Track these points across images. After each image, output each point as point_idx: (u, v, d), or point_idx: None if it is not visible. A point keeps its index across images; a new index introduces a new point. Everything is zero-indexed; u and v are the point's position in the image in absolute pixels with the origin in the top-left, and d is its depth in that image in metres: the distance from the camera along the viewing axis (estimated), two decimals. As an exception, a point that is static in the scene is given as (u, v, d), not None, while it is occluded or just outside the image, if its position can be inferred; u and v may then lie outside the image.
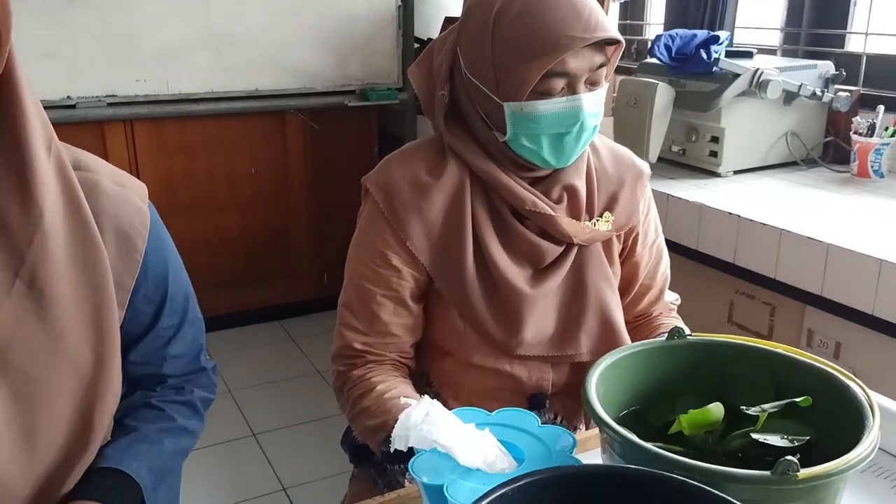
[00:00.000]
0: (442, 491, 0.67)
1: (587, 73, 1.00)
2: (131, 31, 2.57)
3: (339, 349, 1.12)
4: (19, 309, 0.80)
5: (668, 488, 0.60)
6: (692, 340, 0.83)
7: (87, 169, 0.89)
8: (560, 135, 1.02)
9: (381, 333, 1.09)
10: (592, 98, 1.01)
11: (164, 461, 0.93)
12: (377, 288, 1.08)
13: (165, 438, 0.94)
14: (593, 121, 1.03)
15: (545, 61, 0.96)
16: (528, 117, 1.01)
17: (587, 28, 0.96)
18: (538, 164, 1.06)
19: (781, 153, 2.15)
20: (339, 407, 1.13)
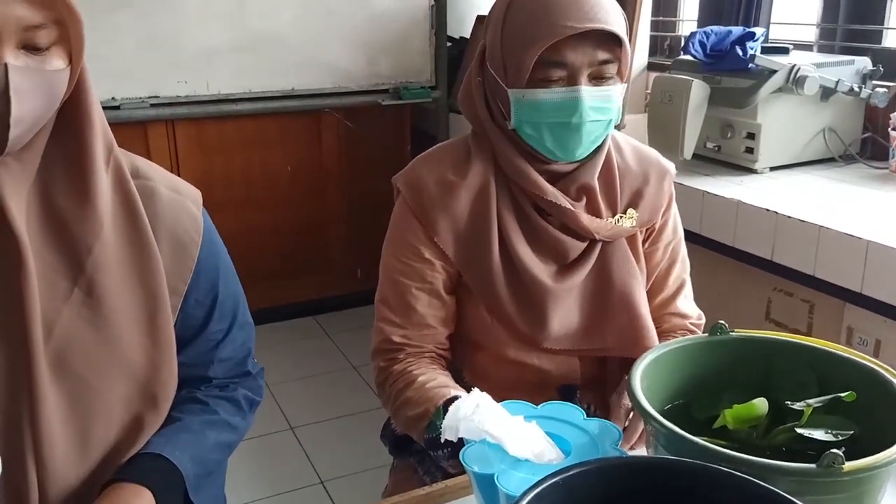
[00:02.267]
0: (492, 480, 0.69)
1: (588, 66, 1.02)
2: (172, 34, 2.63)
3: (378, 344, 1.15)
4: (77, 316, 0.84)
5: (716, 481, 0.62)
6: (735, 336, 0.84)
7: (145, 176, 0.92)
8: (560, 124, 1.04)
9: (418, 325, 1.12)
10: (594, 92, 1.03)
11: (207, 452, 0.95)
12: (412, 281, 1.12)
13: (208, 430, 0.96)
14: (595, 115, 1.04)
15: (539, 46, 1.00)
16: (529, 104, 1.04)
17: (583, 19, 0.99)
18: (544, 153, 1.08)
19: (818, 149, 2.13)
20: (382, 402, 1.16)
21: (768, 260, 1.78)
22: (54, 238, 0.83)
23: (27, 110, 0.76)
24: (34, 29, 0.76)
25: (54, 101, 0.81)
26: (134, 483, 0.85)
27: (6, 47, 0.75)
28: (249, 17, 2.74)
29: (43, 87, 0.78)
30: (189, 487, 0.90)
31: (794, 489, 0.61)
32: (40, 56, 0.78)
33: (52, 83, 0.79)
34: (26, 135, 0.79)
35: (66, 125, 0.84)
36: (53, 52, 0.79)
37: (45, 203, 0.83)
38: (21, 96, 0.75)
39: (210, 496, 0.97)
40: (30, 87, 0.76)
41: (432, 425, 0.99)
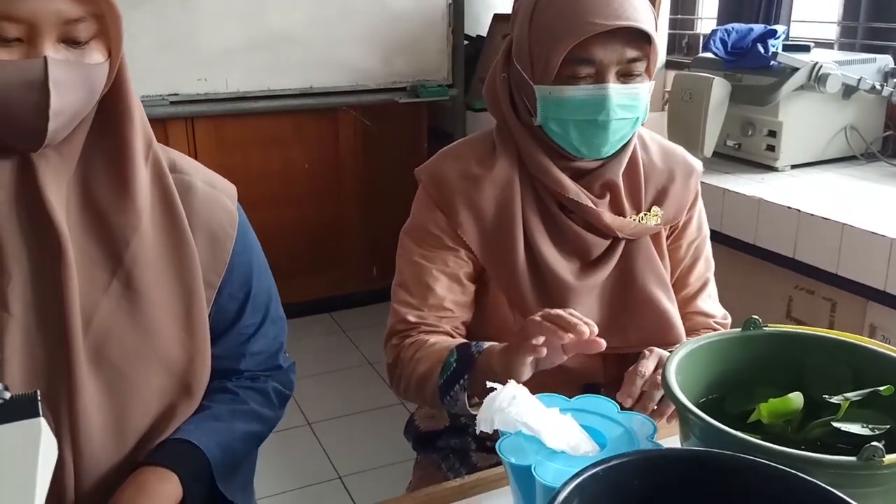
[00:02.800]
0: (529, 471, 0.69)
1: (616, 64, 1.02)
2: (191, 33, 2.65)
3: (392, 325, 1.14)
4: (115, 307, 0.85)
5: (757, 473, 0.62)
6: (768, 332, 0.84)
7: (182, 171, 0.93)
8: (586, 122, 1.04)
9: (435, 307, 1.10)
10: (622, 90, 1.03)
11: (235, 440, 0.95)
12: (433, 264, 1.11)
13: (237, 419, 0.96)
14: (623, 113, 1.04)
15: (566, 43, 1.00)
16: (555, 101, 1.04)
17: (611, 16, 0.99)
18: (570, 151, 1.08)
19: (840, 147, 2.12)
20: (393, 384, 1.14)
21: (790, 258, 1.78)
22: (94, 230, 0.84)
23: (66, 103, 0.78)
24: (74, 23, 0.77)
25: (93, 95, 0.82)
26: (161, 467, 0.86)
27: (46, 41, 0.76)
28: (268, 15, 2.75)
29: (82, 80, 0.79)
30: (216, 473, 0.90)
31: (832, 482, 0.61)
32: (80, 50, 0.79)
33: (91, 76, 0.80)
34: (66, 127, 0.81)
35: (105, 119, 0.85)
36: (93, 45, 0.80)
37: (86, 196, 0.84)
38: (60, 89, 0.76)
39: (238, 486, 0.97)
40: (69, 80, 0.77)
41: (445, 365, 0.99)
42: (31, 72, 0.75)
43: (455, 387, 0.99)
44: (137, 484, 0.84)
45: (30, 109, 0.76)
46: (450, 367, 0.99)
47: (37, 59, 0.75)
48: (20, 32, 0.75)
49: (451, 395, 0.99)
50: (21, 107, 0.76)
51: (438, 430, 1.26)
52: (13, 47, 0.76)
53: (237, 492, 0.95)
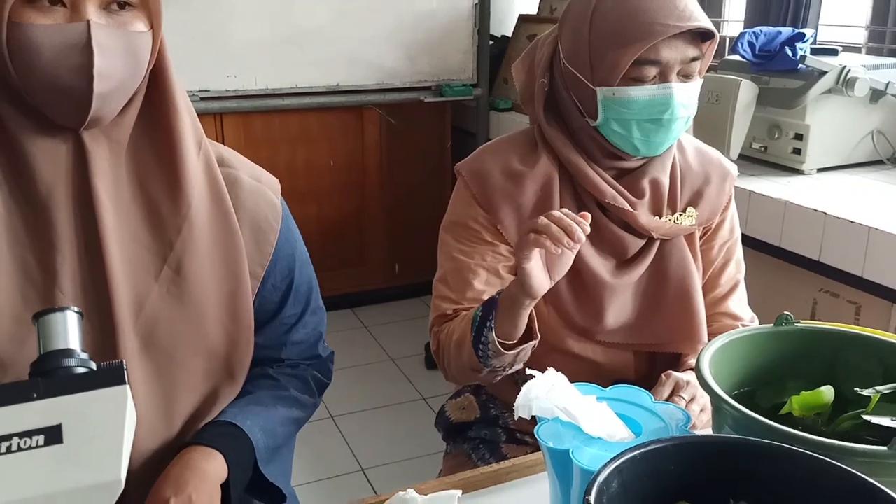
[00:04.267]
0: (567, 455, 0.72)
1: (679, 64, 1.04)
2: (221, 30, 2.69)
3: (433, 319, 1.18)
4: (165, 293, 0.88)
5: (792, 461, 0.64)
6: (800, 328, 0.86)
7: (229, 165, 0.96)
8: (649, 122, 1.05)
9: (473, 300, 1.12)
10: (684, 89, 1.05)
11: (276, 424, 0.98)
12: (471, 259, 1.13)
13: (279, 404, 0.99)
14: (684, 111, 1.06)
15: (638, 47, 1.01)
16: (619, 102, 1.05)
17: (681, 17, 1.01)
18: (628, 151, 1.09)
19: (867, 151, 2.12)
20: (442, 369, 1.16)
21: (815, 260, 1.79)
22: (146, 218, 0.87)
23: (111, 66, 0.79)
24: None
25: (138, 65, 0.83)
26: (207, 447, 0.89)
27: (89, 6, 0.78)
28: (297, 13, 2.79)
29: (125, 46, 0.81)
30: (258, 456, 0.93)
31: (862, 472, 0.63)
32: (122, 17, 0.81)
33: (134, 43, 0.82)
34: (112, 97, 0.82)
35: (153, 108, 0.88)
36: (134, 14, 0.82)
37: (139, 185, 0.87)
38: (104, 51, 0.78)
39: (279, 470, 1.00)
40: (112, 44, 0.79)
41: (474, 318, 1.01)
42: (74, 35, 0.77)
43: (484, 332, 1.00)
44: (184, 462, 0.87)
45: (74, 72, 0.78)
46: (476, 318, 1.02)
47: (80, 23, 0.78)
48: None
49: (483, 343, 1.00)
50: (66, 70, 0.78)
51: (469, 422, 1.29)
52: (56, 12, 0.78)
53: (277, 474, 0.98)
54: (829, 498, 0.63)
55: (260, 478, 0.95)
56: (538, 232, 0.91)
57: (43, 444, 0.44)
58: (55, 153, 0.83)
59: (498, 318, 0.99)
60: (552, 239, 0.90)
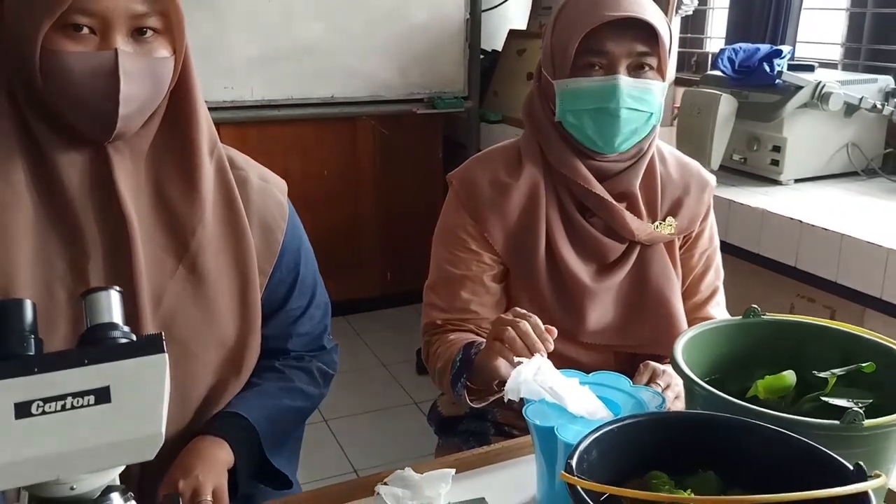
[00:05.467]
0: (552, 432, 0.79)
1: (626, 57, 1.12)
2: (220, 42, 2.77)
3: (424, 325, 1.26)
4: (181, 290, 0.95)
5: (753, 433, 0.71)
6: (766, 319, 0.93)
7: (239, 167, 1.03)
8: (599, 111, 1.12)
9: (459, 310, 1.21)
10: (632, 81, 1.12)
11: (281, 414, 1.04)
12: (457, 270, 1.21)
13: (284, 395, 1.05)
14: (634, 103, 1.12)
15: (579, 34, 1.10)
16: (572, 93, 1.14)
17: (619, 8, 1.09)
18: (586, 143, 1.16)
19: (842, 163, 2.21)
20: (430, 373, 1.24)
21: (792, 267, 1.86)
22: (163, 221, 0.94)
23: (135, 91, 0.86)
24: (141, 17, 0.86)
25: (160, 87, 0.90)
26: (215, 436, 0.96)
27: (117, 34, 0.85)
28: (293, 27, 2.87)
29: (149, 72, 0.88)
30: (264, 442, 0.99)
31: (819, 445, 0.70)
32: (147, 45, 0.88)
33: (157, 69, 0.89)
34: (135, 116, 0.89)
35: (174, 118, 0.94)
36: (159, 41, 0.89)
37: (156, 189, 0.94)
38: (130, 78, 0.85)
39: (285, 459, 1.06)
40: (137, 71, 0.86)
41: (453, 364, 1.09)
42: (103, 62, 0.84)
43: (458, 384, 1.09)
44: (195, 451, 0.94)
45: (102, 96, 0.85)
46: (455, 365, 1.10)
47: (108, 51, 0.84)
48: (93, 25, 0.84)
49: (457, 390, 1.10)
50: (94, 93, 0.85)
51: (460, 416, 1.35)
52: (87, 39, 0.85)
53: (284, 462, 1.04)
54: (789, 467, 0.70)
55: (266, 464, 1.01)
56: (503, 341, 0.96)
57: (93, 402, 0.51)
58: (81, 163, 0.90)
59: (472, 379, 1.07)
60: (515, 352, 0.94)
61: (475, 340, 1.12)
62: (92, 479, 0.54)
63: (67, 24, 0.83)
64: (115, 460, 0.53)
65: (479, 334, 1.22)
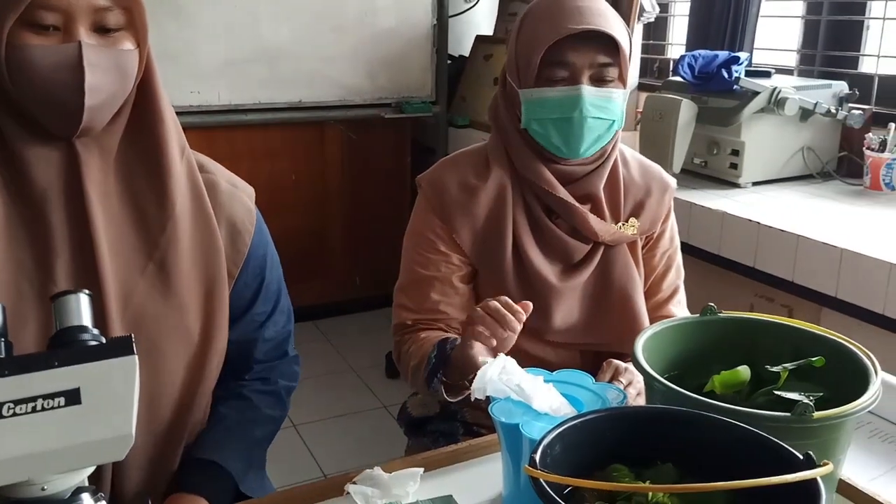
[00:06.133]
0: (517, 429, 0.81)
1: (589, 68, 1.15)
2: (186, 46, 2.75)
3: (394, 326, 1.28)
4: (150, 287, 0.95)
5: (708, 425, 0.74)
6: (722, 317, 0.97)
7: (208, 171, 1.04)
8: (563, 120, 1.15)
9: (429, 311, 1.23)
10: (595, 91, 1.15)
11: (253, 447, 1.07)
12: (427, 271, 1.24)
13: (255, 427, 1.07)
14: (597, 112, 1.15)
15: (543, 46, 1.13)
16: (536, 102, 1.17)
17: (582, 22, 1.13)
18: (551, 150, 1.19)
19: (798, 166, 2.28)
20: (401, 373, 1.26)
21: (751, 267, 1.92)
22: (133, 218, 0.94)
23: (100, 82, 0.87)
24: (104, 11, 0.87)
25: (126, 79, 0.91)
26: (191, 493, 0.97)
27: (80, 27, 0.86)
28: (261, 31, 2.87)
29: (113, 63, 0.88)
30: (239, 482, 1.01)
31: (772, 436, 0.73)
32: (110, 37, 0.89)
33: (121, 60, 0.89)
34: (102, 109, 0.89)
35: (140, 118, 0.95)
36: (122, 35, 0.90)
37: (126, 186, 0.94)
38: (94, 69, 0.86)
39: (254, 479, 1.08)
40: (102, 63, 0.87)
41: (428, 361, 1.11)
42: (67, 54, 0.85)
43: (434, 380, 1.11)
44: None
45: (67, 88, 0.85)
46: (430, 362, 1.12)
47: (72, 44, 0.85)
48: (56, 20, 0.85)
49: (433, 386, 1.12)
50: (60, 86, 0.85)
51: (429, 417, 1.37)
52: (50, 35, 0.85)
53: (254, 483, 1.06)
54: (743, 457, 0.72)
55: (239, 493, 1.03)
56: (475, 324, 0.99)
57: (64, 404, 0.52)
58: (49, 159, 0.90)
59: (447, 374, 1.10)
60: (489, 329, 0.98)
61: (449, 336, 1.14)
62: (63, 479, 0.54)
63: (31, 20, 0.84)
64: (86, 461, 0.54)
65: (447, 332, 1.24)
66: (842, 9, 2.46)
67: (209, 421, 1.05)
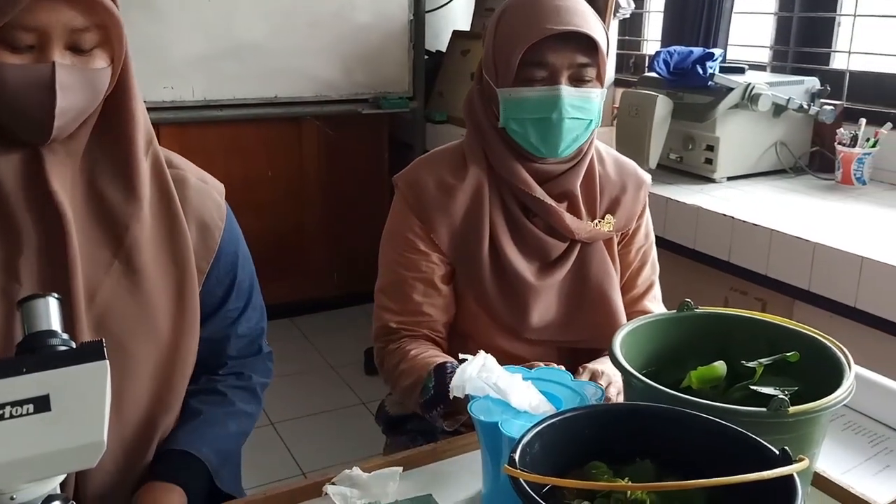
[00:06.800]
0: (496, 427, 0.81)
1: (567, 68, 1.15)
2: (159, 41, 2.71)
3: (377, 329, 1.27)
4: (116, 285, 0.94)
5: (684, 422, 0.74)
6: (698, 312, 0.97)
7: (177, 167, 1.03)
8: (542, 120, 1.15)
9: (412, 313, 1.23)
10: (574, 91, 1.15)
11: (228, 442, 1.06)
12: (408, 272, 1.23)
13: (230, 421, 1.06)
14: (575, 112, 1.15)
15: (522, 46, 1.12)
16: (515, 102, 1.16)
17: (561, 22, 1.12)
18: (529, 150, 1.19)
19: (771, 161, 2.31)
20: (383, 379, 1.27)
21: (725, 261, 1.94)
22: (98, 216, 0.93)
23: (71, 103, 0.86)
24: (79, 32, 0.86)
25: (96, 96, 0.90)
26: (166, 482, 0.96)
27: (55, 48, 0.85)
28: (235, 25, 2.84)
29: (86, 84, 0.88)
30: (216, 477, 1.00)
31: (748, 431, 0.74)
32: (85, 56, 0.88)
33: (94, 80, 0.89)
34: (70, 125, 0.89)
35: (109, 118, 0.94)
36: (97, 53, 0.89)
37: (90, 186, 0.93)
38: (66, 91, 0.85)
39: (229, 476, 1.07)
40: (74, 83, 0.86)
41: (425, 388, 1.10)
42: (40, 75, 0.84)
43: (434, 412, 1.10)
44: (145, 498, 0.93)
45: (38, 108, 0.85)
46: (428, 391, 1.10)
47: (46, 64, 0.84)
48: (32, 40, 0.84)
49: (432, 415, 1.11)
50: (30, 105, 0.85)
51: (407, 415, 1.36)
52: (25, 54, 0.85)
53: (229, 480, 1.05)
54: (720, 453, 0.73)
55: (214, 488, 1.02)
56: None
57: (33, 411, 0.50)
58: (14, 162, 0.89)
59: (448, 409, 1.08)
60: None
61: (446, 362, 1.12)
62: (33, 488, 0.53)
63: (7, 39, 0.83)
64: (57, 469, 0.52)
65: (433, 339, 1.25)
66: (814, 5, 2.49)
67: (182, 416, 1.04)
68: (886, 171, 2.22)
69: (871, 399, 1.12)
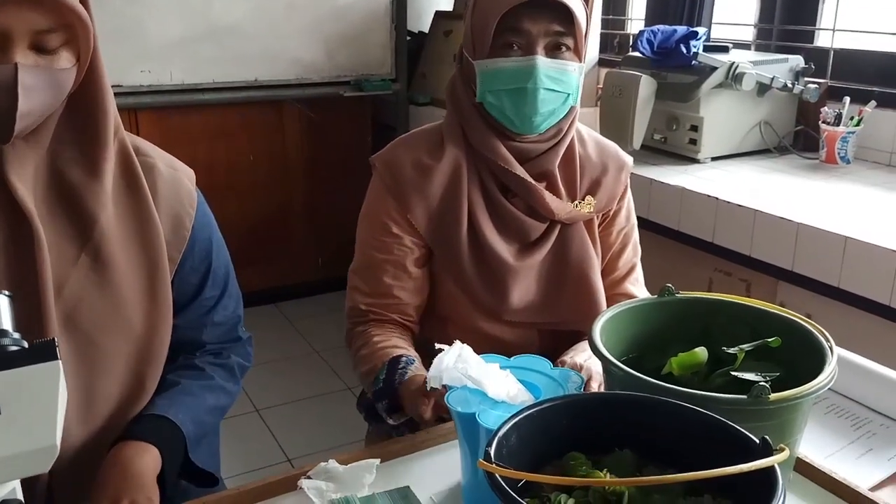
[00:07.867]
0: (474, 418, 0.79)
1: (544, 37, 1.13)
2: (136, 24, 2.65)
3: (348, 310, 1.26)
4: (84, 279, 0.91)
5: (664, 410, 0.73)
6: (680, 297, 0.96)
7: (146, 154, 1.00)
8: (517, 91, 1.13)
9: (382, 295, 1.22)
10: (550, 62, 1.13)
11: (205, 414, 1.03)
12: (380, 254, 1.21)
13: (207, 394, 1.04)
14: (551, 83, 1.14)
15: (498, 13, 1.11)
16: (491, 73, 1.15)
17: None
18: (505, 123, 1.17)
19: (755, 141, 2.29)
20: (351, 362, 1.25)
21: (709, 242, 1.93)
22: (64, 208, 0.90)
23: (34, 105, 0.83)
24: (44, 33, 0.83)
25: (60, 95, 0.87)
26: (141, 441, 0.93)
27: (18, 48, 0.81)
28: (213, 8, 2.78)
29: (50, 84, 0.85)
30: (189, 446, 0.98)
31: (729, 419, 0.73)
32: (50, 56, 0.84)
33: (58, 80, 0.86)
34: (33, 124, 0.86)
35: (76, 112, 0.91)
36: (62, 52, 0.86)
37: (55, 177, 0.90)
38: (29, 92, 0.82)
39: (206, 454, 1.05)
40: (38, 84, 0.83)
41: (376, 379, 1.09)
42: (2, 77, 0.80)
43: (379, 405, 1.09)
44: (121, 465, 0.89)
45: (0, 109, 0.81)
46: (378, 383, 1.09)
47: (8, 66, 0.81)
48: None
49: (378, 406, 1.09)
50: None
51: (389, 402, 1.35)
52: None
53: (206, 458, 1.02)
54: (700, 442, 0.72)
55: (190, 464, 0.99)
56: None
57: (-19, 415, 0.48)
58: None
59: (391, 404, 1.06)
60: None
61: (401, 356, 1.10)
62: (-15, 494, 0.51)
63: None
64: (8, 474, 0.50)
65: (402, 324, 1.23)
66: (798, -18, 2.47)
67: (158, 388, 1.01)
68: (870, 150, 2.21)
69: (854, 381, 1.11)
